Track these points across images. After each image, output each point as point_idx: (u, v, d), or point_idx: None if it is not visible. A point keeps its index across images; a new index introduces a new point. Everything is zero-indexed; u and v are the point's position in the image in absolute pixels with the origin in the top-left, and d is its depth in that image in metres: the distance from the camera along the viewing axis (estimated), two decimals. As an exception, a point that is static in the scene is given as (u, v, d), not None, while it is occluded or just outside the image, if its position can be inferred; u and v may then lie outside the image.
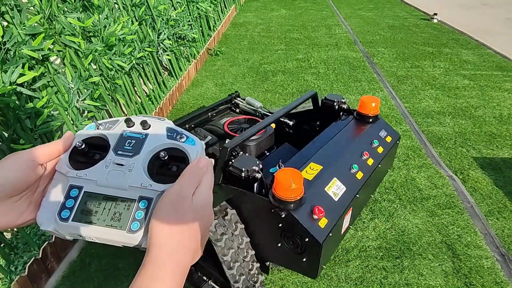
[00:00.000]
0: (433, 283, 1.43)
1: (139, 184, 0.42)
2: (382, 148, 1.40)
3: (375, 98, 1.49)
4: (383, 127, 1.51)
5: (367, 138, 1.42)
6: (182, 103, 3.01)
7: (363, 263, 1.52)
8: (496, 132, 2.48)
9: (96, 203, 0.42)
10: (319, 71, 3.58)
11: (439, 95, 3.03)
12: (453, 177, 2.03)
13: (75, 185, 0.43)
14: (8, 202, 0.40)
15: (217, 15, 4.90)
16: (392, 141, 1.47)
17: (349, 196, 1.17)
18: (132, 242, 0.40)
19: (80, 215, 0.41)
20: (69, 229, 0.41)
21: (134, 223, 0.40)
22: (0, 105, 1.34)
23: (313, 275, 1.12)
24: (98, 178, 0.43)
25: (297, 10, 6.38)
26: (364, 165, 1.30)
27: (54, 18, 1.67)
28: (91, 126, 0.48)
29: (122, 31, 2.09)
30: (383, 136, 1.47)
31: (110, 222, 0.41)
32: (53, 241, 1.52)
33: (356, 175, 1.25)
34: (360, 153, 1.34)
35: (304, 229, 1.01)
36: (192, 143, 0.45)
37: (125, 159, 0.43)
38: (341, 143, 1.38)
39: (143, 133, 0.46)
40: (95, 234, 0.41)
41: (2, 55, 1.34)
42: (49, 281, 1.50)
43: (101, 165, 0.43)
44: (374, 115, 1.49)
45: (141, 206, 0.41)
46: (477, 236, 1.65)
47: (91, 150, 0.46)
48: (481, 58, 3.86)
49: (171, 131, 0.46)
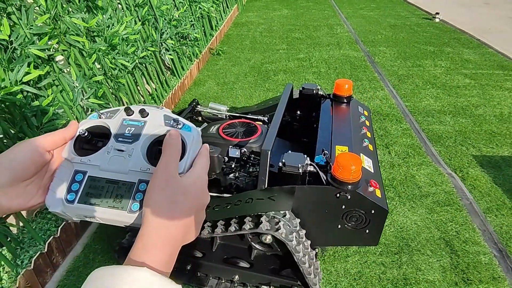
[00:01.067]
0: (431, 278, 1.45)
1: (138, 168, 0.45)
2: (367, 121, 1.55)
3: (348, 80, 1.68)
4: (358, 104, 1.68)
5: (356, 115, 1.57)
6: (185, 102, 3.04)
7: (362, 258, 1.55)
8: (496, 131, 2.49)
9: (99, 186, 0.45)
10: (320, 71, 3.60)
11: (440, 94, 3.04)
12: (452, 175, 2.05)
13: (79, 170, 0.46)
14: (20, 186, 0.43)
15: (219, 15, 4.93)
16: (369, 114, 1.64)
17: (377, 167, 1.28)
18: (133, 222, 0.44)
19: (85, 197, 0.45)
20: (75, 210, 0.45)
21: (134, 204, 0.43)
22: (7, 104, 1.38)
23: (375, 243, 1.23)
24: (100, 163, 0.46)
25: (299, 9, 6.40)
26: (368, 137, 1.42)
27: (59, 18, 1.70)
28: (94, 116, 0.51)
29: (125, 31, 2.12)
30: (362, 111, 1.63)
31: (113, 203, 0.44)
32: (58, 236, 1.55)
33: (368, 147, 1.36)
34: (360, 128, 1.46)
35: (372, 202, 1.11)
36: (188, 129, 0.47)
37: (125, 145, 0.46)
38: (342, 123, 1.48)
39: (141, 121, 0.48)
40: (99, 215, 0.44)
41: (9, 54, 1.38)
42: (54, 275, 1.54)
43: (103, 151, 0.47)
44: (349, 96, 1.67)
45: (140, 188, 0.44)
46: (475, 232, 1.67)
47: (94, 137, 0.49)
48: (482, 57, 3.87)
49: (168, 118, 0.48)
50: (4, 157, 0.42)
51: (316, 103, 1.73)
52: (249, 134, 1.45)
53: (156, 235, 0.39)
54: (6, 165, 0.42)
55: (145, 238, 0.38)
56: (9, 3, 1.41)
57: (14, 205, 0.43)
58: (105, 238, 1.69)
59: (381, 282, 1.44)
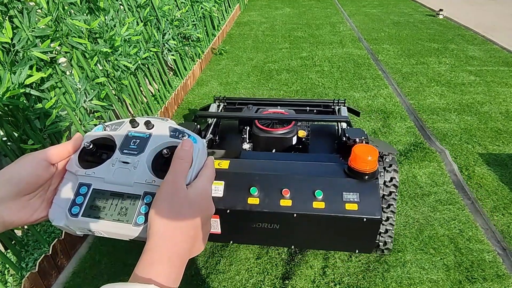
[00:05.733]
0: (435, 277, 1.44)
1: (143, 180, 0.44)
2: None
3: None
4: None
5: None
6: (188, 103, 3.04)
7: (365, 257, 1.54)
8: (502, 128, 2.46)
9: (104, 199, 0.44)
10: (324, 69, 3.58)
11: (445, 92, 3.02)
12: (456, 173, 2.03)
13: (84, 183, 0.46)
14: (22, 200, 0.43)
15: (221, 15, 4.93)
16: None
17: None
18: (138, 235, 0.43)
19: (89, 210, 0.44)
20: (79, 224, 0.44)
21: (139, 217, 0.43)
22: (10, 106, 1.39)
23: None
24: (105, 175, 0.45)
25: (301, 8, 6.38)
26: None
27: (61, 20, 1.71)
28: (99, 128, 0.50)
29: (127, 32, 2.13)
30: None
31: (117, 216, 0.43)
32: (62, 238, 1.56)
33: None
34: None
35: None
36: (194, 141, 0.47)
37: (130, 157, 0.46)
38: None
39: (147, 133, 0.48)
40: (103, 228, 0.44)
41: (12, 57, 1.38)
42: (59, 278, 1.54)
43: (108, 163, 0.46)
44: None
45: (146, 201, 0.44)
46: (478, 230, 1.65)
47: (98, 150, 0.49)
48: (487, 54, 3.83)
49: (174, 130, 0.48)
50: (8, 170, 0.42)
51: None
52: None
53: (162, 250, 0.38)
54: (10, 179, 0.41)
55: (151, 252, 0.38)
56: (11, 6, 1.41)
57: (17, 219, 0.42)
58: (111, 239, 1.69)
59: (384, 280, 1.43)
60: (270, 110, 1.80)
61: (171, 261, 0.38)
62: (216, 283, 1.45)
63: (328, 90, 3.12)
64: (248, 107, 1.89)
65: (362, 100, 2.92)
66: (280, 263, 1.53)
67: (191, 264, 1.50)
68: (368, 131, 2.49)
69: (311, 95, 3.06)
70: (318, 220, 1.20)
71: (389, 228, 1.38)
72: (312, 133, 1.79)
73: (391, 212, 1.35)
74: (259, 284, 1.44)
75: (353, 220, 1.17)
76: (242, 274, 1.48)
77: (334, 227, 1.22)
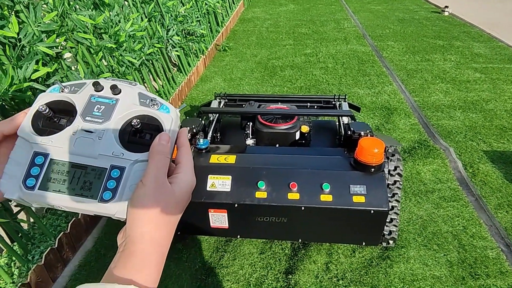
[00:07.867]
0: (438, 274, 1.44)
1: (110, 152, 0.40)
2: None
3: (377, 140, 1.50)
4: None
5: None
6: (191, 99, 3.05)
7: (368, 253, 1.54)
8: (508, 126, 2.45)
9: (64, 172, 0.40)
10: (328, 66, 3.57)
11: (450, 89, 3.00)
12: (460, 170, 2.02)
13: (39, 152, 0.40)
14: None
15: (225, 11, 4.92)
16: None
17: None
18: (104, 212, 0.40)
19: (47, 183, 0.39)
20: (36, 197, 0.40)
21: (106, 193, 0.39)
22: (16, 101, 1.40)
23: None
24: (65, 145, 0.40)
25: (305, 4, 6.35)
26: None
27: (66, 16, 1.71)
28: (55, 89, 0.44)
29: (132, 28, 2.13)
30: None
31: (80, 191, 0.39)
32: (68, 231, 1.58)
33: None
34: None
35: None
36: (166, 110, 0.43)
37: (94, 126, 0.41)
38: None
39: (113, 98, 0.43)
40: (64, 203, 0.40)
41: (18, 52, 1.39)
42: (64, 270, 1.56)
43: (68, 131, 0.41)
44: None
45: (113, 175, 0.40)
46: (481, 227, 1.65)
47: (55, 115, 0.43)
48: (493, 51, 3.80)
49: (144, 97, 0.43)
50: None
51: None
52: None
53: (152, 256, 0.37)
54: None
55: (139, 258, 0.36)
56: (18, 1, 1.42)
57: None
58: (116, 233, 1.70)
59: (387, 276, 1.44)
60: (272, 106, 1.81)
61: (158, 265, 0.37)
62: (219, 277, 1.46)
63: (332, 87, 3.11)
64: (249, 103, 1.90)
65: (366, 96, 2.92)
66: (283, 258, 1.53)
67: (195, 258, 1.51)
68: (372, 127, 2.49)
69: (315, 92, 3.05)
70: (326, 213, 1.21)
71: (394, 217, 1.39)
72: (313, 128, 1.80)
73: (396, 201, 1.36)
74: (262, 278, 1.45)
75: (361, 213, 1.17)
76: (246, 268, 1.49)
77: (342, 220, 1.23)
